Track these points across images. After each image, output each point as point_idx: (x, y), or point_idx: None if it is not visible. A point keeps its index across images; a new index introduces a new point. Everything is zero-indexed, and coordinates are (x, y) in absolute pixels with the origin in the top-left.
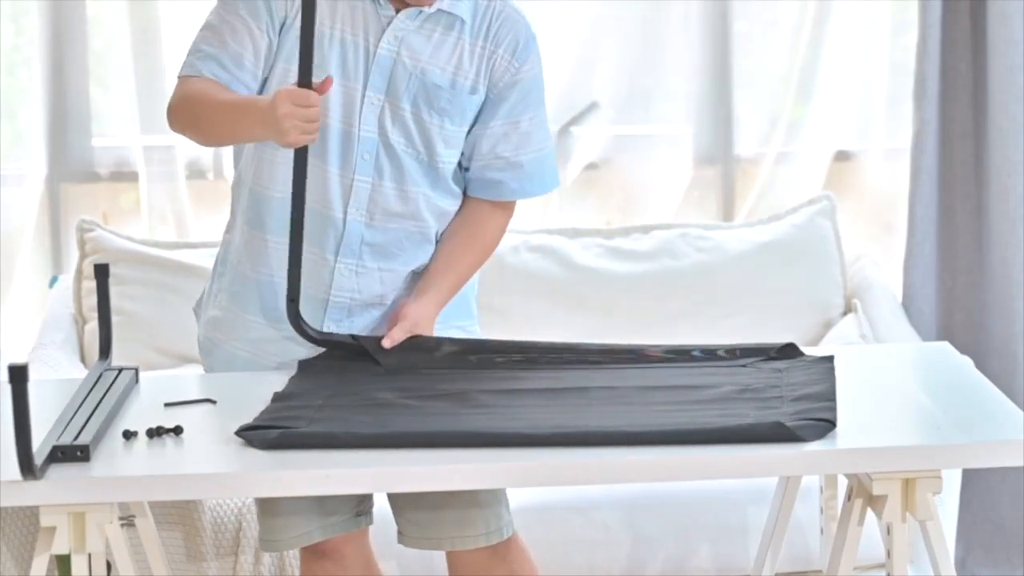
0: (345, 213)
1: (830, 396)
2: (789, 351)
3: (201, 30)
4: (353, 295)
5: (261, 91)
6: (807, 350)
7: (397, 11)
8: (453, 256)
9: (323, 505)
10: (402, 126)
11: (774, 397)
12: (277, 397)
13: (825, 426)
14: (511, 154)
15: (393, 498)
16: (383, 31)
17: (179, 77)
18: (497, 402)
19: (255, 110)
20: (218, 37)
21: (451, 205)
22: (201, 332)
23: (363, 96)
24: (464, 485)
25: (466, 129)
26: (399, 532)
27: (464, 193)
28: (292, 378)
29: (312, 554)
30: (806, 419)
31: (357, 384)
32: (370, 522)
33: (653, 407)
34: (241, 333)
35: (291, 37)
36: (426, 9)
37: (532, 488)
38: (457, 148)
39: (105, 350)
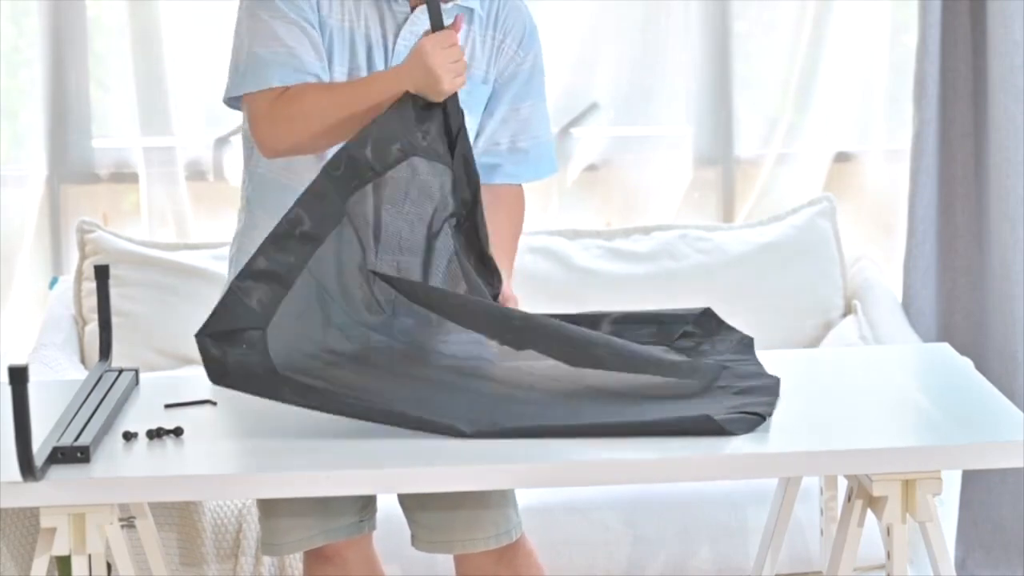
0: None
1: (774, 391)
2: (707, 320)
3: (250, 36)
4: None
5: None
6: (798, 352)
7: (412, 8)
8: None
9: (326, 509)
10: None
11: (719, 387)
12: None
13: (754, 420)
14: (508, 140)
15: (403, 501)
16: (399, 28)
17: (245, 96)
18: (440, 389)
19: (388, 80)
20: (276, 41)
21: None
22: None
23: None
24: (464, 486)
25: (479, 120)
26: (412, 536)
27: None
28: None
29: (315, 558)
30: (738, 413)
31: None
32: (373, 528)
33: (603, 405)
34: None
35: (327, 32)
36: (443, 5)
37: (532, 488)
38: (473, 138)
39: (105, 351)
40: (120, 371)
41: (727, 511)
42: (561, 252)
